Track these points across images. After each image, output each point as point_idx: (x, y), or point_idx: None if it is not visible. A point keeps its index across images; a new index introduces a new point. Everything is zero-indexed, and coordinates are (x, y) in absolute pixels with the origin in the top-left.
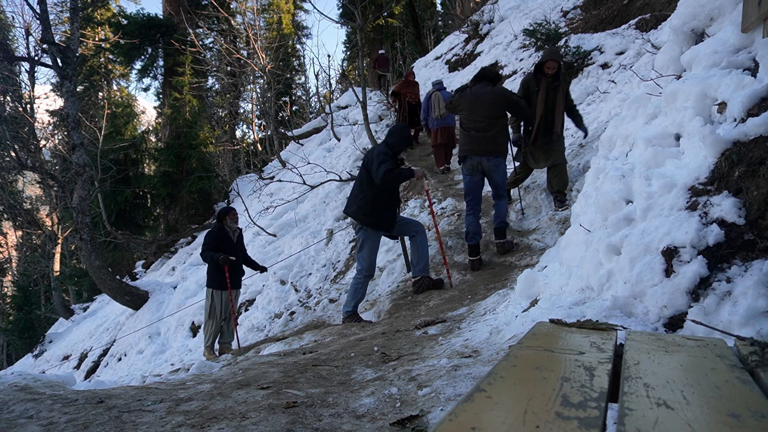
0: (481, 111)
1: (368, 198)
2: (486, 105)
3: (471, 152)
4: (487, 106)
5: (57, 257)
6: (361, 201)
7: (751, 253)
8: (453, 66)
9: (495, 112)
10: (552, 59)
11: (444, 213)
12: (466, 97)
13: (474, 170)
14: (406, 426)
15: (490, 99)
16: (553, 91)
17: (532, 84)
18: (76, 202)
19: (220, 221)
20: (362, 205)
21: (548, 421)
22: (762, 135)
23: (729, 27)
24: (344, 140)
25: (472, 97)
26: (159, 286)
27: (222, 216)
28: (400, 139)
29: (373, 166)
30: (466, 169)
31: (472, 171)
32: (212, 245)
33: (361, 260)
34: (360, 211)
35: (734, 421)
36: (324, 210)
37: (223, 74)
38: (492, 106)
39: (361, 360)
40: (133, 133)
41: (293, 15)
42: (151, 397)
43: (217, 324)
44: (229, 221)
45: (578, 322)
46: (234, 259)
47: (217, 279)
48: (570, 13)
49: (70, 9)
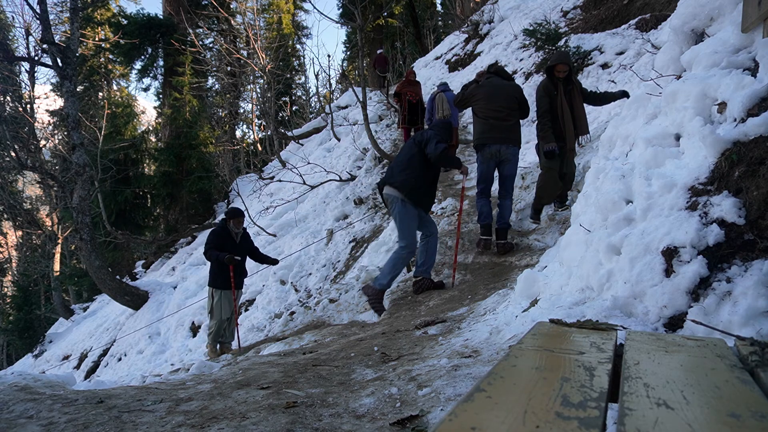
0: (500, 101)
1: (417, 173)
2: (505, 95)
3: (491, 140)
4: (506, 97)
5: (57, 257)
6: (409, 174)
7: (751, 253)
8: (453, 66)
9: (512, 103)
10: (562, 62)
11: (444, 213)
12: (483, 88)
13: (492, 158)
14: (406, 426)
15: (509, 91)
16: (569, 95)
17: (551, 88)
18: (76, 202)
19: (226, 221)
20: (409, 178)
21: (548, 421)
22: (762, 135)
23: (729, 27)
24: (344, 140)
25: (490, 87)
26: (159, 286)
27: (230, 217)
28: (446, 132)
29: (431, 143)
30: (483, 157)
31: (489, 159)
32: (215, 244)
33: (404, 236)
34: (406, 183)
35: (734, 421)
36: (324, 210)
37: (223, 74)
38: (510, 97)
39: (361, 360)
40: (133, 133)
41: (293, 15)
42: (151, 397)
43: (219, 323)
44: (233, 225)
45: (578, 322)
46: (239, 260)
47: (221, 278)
48: (570, 13)
49: (70, 9)
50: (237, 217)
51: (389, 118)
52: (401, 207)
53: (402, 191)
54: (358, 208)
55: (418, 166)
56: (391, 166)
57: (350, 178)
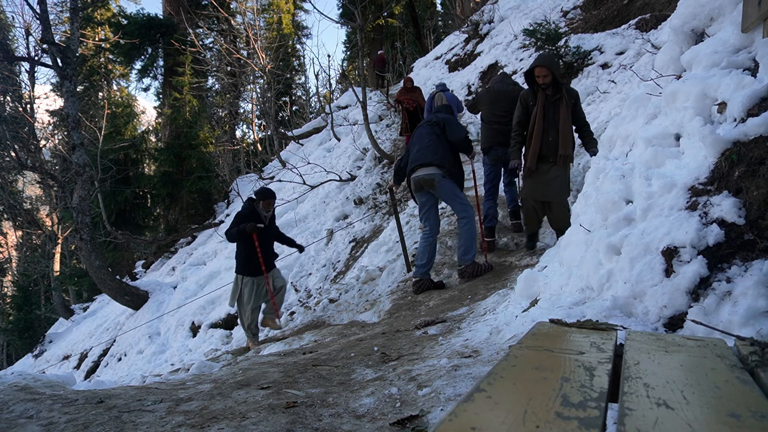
0: (503, 106)
1: (449, 152)
2: (506, 100)
3: (496, 143)
4: (509, 102)
5: (57, 257)
6: (442, 153)
7: (751, 253)
8: (453, 66)
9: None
10: (540, 65)
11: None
12: (486, 93)
13: (497, 161)
14: (406, 426)
15: (511, 97)
16: (553, 106)
17: (530, 98)
18: (76, 202)
19: (255, 202)
20: (444, 156)
21: (548, 421)
22: (762, 135)
23: (729, 27)
24: (344, 140)
25: (493, 93)
26: (159, 286)
27: (260, 198)
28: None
29: (452, 124)
30: (490, 159)
31: (496, 161)
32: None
33: (463, 202)
34: (445, 162)
35: (734, 421)
36: (324, 210)
37: (223, 74)
38: (512, 102)
39: (361, 360)
40: (133, 133)
41: (293, 15)
42: (151, 397)
43: (251, 310)
44: (263, 207)
45: (578, 322)
46: (262, 226)
47: (250, 265)
48: (570, 13)
49: (70, 9)
50: (268, 198)
51: (389, 118)
52: (448, 181)
53: (442, 168)
54: (358, 208)
55: (448, 146)
56: (416, 151)
57: (350, 178)
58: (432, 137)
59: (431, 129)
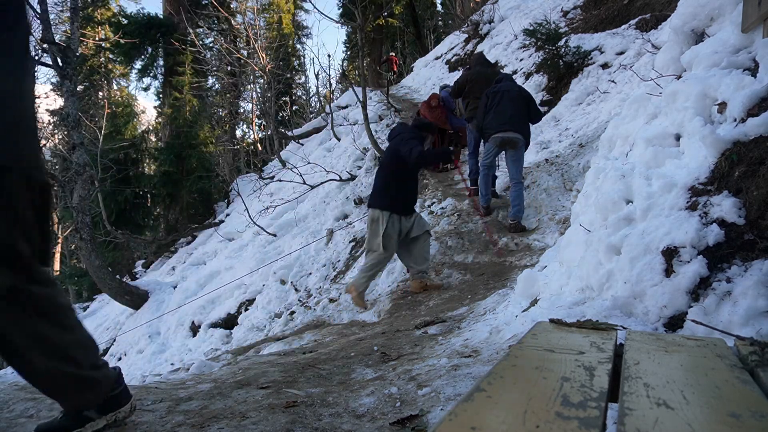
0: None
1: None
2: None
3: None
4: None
5: (57, 257)
6: (528, 127)
7: (751, 253)
8: (453, 66)
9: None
10: None
11: (444, 213)
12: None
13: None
14: (406, 426)
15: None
16: None
17: None
18: (76, 201)
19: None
20: (528, 129)
21: (548, 421)
22: (762, 135)
23: (729, 27)
24: (344, 140)
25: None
26: (159, 286)
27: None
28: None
29: (535, 104)
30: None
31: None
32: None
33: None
34: (528, 134)
35: (734, 421)
36: (324, 210)
37: (223, 74)
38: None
39: (361, 359)
40: (133, 132)
41: (293, 15)
42: (151, 397)
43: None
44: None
45: (578, 322)
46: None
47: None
48: (570, 13)
49: (70, 9)
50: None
51: (389, 118)
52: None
53: (525, 138)
54: (358, 208)
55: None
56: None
57: (350, 178)
58: (524, 110)
59: (524, 102)
